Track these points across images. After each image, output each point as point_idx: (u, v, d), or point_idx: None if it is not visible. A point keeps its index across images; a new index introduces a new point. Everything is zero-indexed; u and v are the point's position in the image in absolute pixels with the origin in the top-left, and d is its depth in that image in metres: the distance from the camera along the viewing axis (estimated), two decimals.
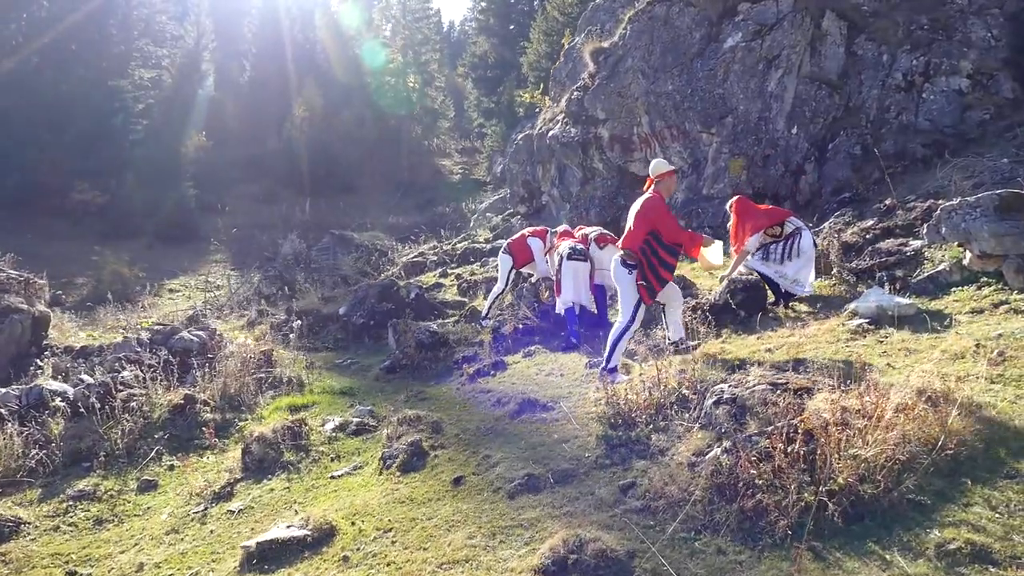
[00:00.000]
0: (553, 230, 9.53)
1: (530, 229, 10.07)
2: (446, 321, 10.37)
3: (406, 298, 11.57)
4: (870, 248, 7.08)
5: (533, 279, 9.94)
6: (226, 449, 6.32)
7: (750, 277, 7.21)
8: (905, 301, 5.76)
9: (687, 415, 4.41)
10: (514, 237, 9.93)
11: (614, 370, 5.78)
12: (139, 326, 9.88)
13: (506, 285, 9.57)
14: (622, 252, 5.81)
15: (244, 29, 45.25)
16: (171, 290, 21.14)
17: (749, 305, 6.75)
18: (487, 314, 9.47)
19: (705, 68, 11.91)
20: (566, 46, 17.21)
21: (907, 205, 7.60)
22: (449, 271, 14.35)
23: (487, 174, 32.85)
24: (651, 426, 4.46)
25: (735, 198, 7.56)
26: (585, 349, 6.67)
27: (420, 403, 6.77)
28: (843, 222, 7.82)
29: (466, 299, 11.73)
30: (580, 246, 8.21)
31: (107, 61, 30.17)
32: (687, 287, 7.67)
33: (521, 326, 8.66)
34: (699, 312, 6.85)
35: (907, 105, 10.58)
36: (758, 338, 6.11)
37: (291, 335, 9.57)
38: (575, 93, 14.17)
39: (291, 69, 39.34)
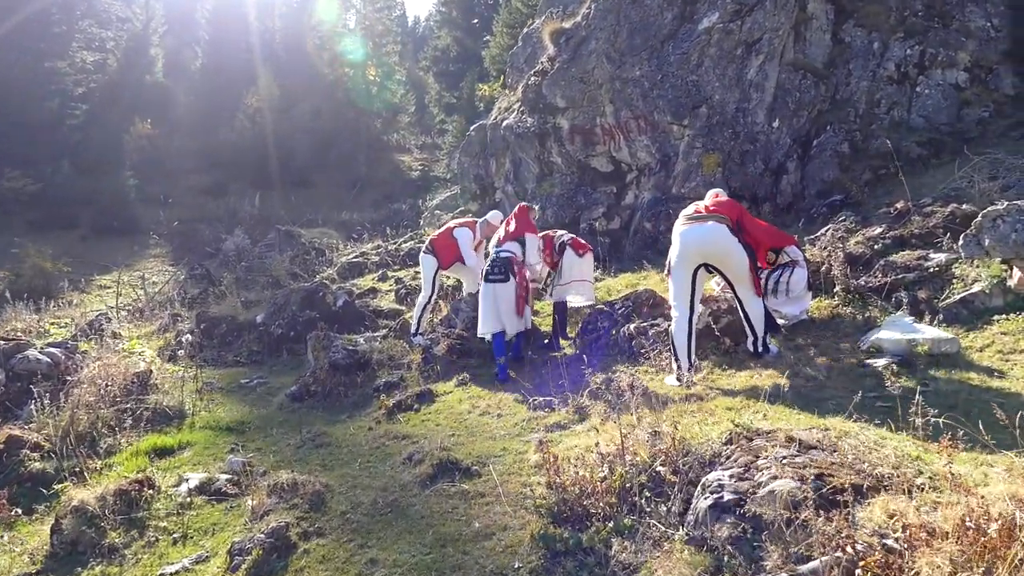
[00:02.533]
0: (483, 220, 7.95)
1: (456, 221, 8.45)
2: (376, 334, 8.84)
3: (332, 305, 9.99)
4: (881, 261, 5.71)
5: (466, 289, 8.32)
6: (45, 517, 4.69)
7: None
8: (945, 335, 4.37)
9: (665, 508, 2.98)
10: (437, 232, 8.27)
11: (768, 350, 5.16)
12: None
13: (432, 291, 7.93)
14: (726, 219, 5.10)
15: (197, 14, 43.19)
16: (101, 286, 19.52)
17: (735, 332, 5.31)
18: (417, 329, 7.91)
19: (677, 52, 10.53)
20: (525, 30, 15.67)
21: (923, 210, 6.29)
22: (389, 274, 12.73)
23: (447, 171, 31.47)
24: (611, 524, 2.99)
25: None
26: (524, 386, 5.17)
27: (316, 450, 5.23)
28: (845, 228, 6.45)
29: (403, 307, 10.15)
30: (504, 254, 6.50)
31: (46, 42, 28.24)
32: (657, 305, 6.25)
33: (457, 345, 7.17)
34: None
35: (899, 99, 9.48)
36: (749, 375, 4.74)
37: (179, 351, 7.89)
38: (532, 79, 12.65)
39: (246, 58, 37.53)
